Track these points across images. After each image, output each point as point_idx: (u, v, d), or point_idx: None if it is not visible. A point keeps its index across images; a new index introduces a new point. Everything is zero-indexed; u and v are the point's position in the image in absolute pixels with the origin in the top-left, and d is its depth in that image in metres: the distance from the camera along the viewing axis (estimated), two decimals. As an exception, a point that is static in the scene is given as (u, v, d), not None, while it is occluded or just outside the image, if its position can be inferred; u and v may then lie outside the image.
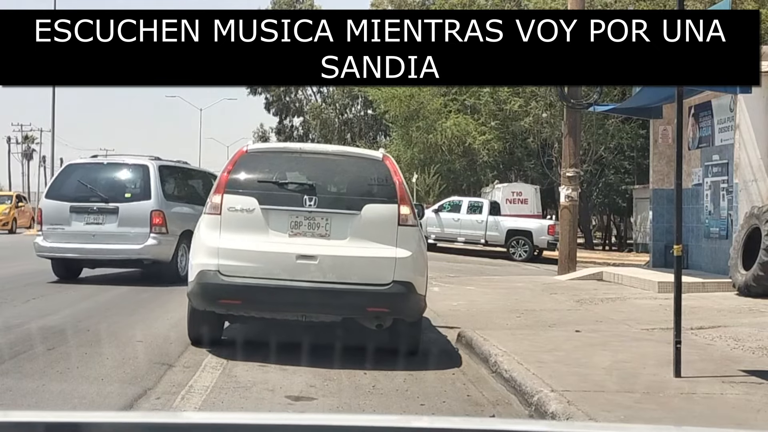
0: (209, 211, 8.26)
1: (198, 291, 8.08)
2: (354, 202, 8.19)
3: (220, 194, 8.19)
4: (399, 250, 8.01)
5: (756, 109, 14.89)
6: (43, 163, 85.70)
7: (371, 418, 2.68)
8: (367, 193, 8.31)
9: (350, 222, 8.12)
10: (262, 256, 7.98)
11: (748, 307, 12.27)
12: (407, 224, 8.14)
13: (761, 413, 6.10)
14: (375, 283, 7.93)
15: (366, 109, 58.70)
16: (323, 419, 2.52)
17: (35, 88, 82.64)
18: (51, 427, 2.24)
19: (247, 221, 8.07)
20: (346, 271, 7.96)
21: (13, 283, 14.01)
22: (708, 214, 16.91)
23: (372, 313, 8.17)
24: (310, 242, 8.05)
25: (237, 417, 2.53)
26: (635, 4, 29.12)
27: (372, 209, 8.14)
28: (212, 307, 8.19)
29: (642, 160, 31.34)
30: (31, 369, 7.29)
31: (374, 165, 8.46)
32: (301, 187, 8.22)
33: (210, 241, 8.08)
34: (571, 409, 6.01)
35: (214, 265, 7.95)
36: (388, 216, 8.11)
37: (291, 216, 8.13)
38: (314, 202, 8.10)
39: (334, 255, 7.98)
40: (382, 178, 8.32)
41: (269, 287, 7.89)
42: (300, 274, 7.92)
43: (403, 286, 7.95)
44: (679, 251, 7.55)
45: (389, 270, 7.94)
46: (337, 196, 8.35)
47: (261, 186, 8.25)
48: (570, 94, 19.22)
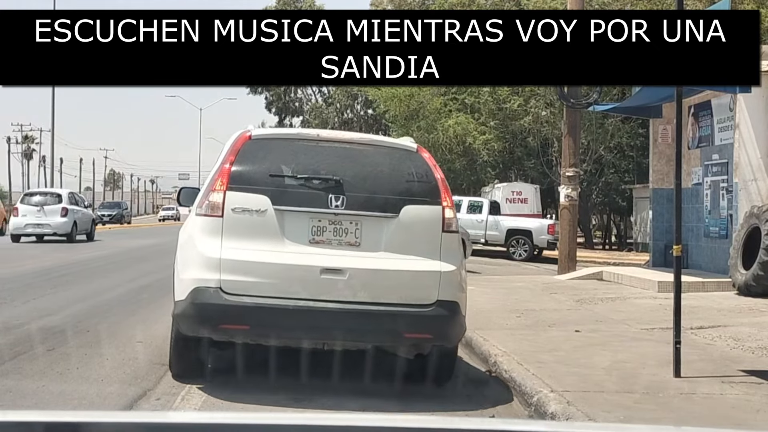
0: (206, 213, 6.76)
1: (192, 313, 6.57)
2: (391, 203, 6.82)
3: (222, 191, 6.68)
4: (444, 263, 6.76)
5: (756, 109, 14.89)
6: (43, 163, 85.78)
7: (371, 418, 2.68)
8: (406, 191, 6.92)
9: (386, 227, 6.78)
10: (276, 270, 6.56)
11: (747, 307, 12.27)
12: (451, 230, 6.89)
13: (761, 413, 6.10)
14: (416, 303, 6.64)
15: (366, 108, 58.69)
16: (323, 419, 2.51)
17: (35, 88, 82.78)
18: (51, 427, 2.24)
19: (257, 226, 6.65)
20: (381, 288, 6.64)
21: (14, 283, 14.02)
22: (708, 214, 16.91)
23: (411, 340, 6.86)
24: (336, 252, 6.68)
25: (237, 417, 2.53)
26: (634, 4, 29.09)
27: (412, 212, 6.81)
28: (209, 333, 6.74)
29: (642, 159, 31.32)
30: (31, 370, 7.29)
31: (409, 157, 7.11)
32: (325, 184, 6.76)
33: (208, 250, 6.61)
34: (571, 410, 6.01)
35: (215, 281, 6.51)
36: (430, 220, 6.82)
37: (312, 219, 6.73)
38: (341, 203, 6.70)
39: (366, 268, 6.64)
40: (421, 174, 6.99)
41: (285, 309, 6.47)
42: (324, 292, 6.54)
43: (448, 307, 6.69)
44: (679, 251, 7.55)
45: (433, 287, 6.68)
46: (369, 195, 6.83)
47: (274, 181, 6.78)
48: (570, 93, 19.21)
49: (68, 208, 28.95)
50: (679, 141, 7.79)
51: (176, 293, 6.80)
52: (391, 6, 47.04)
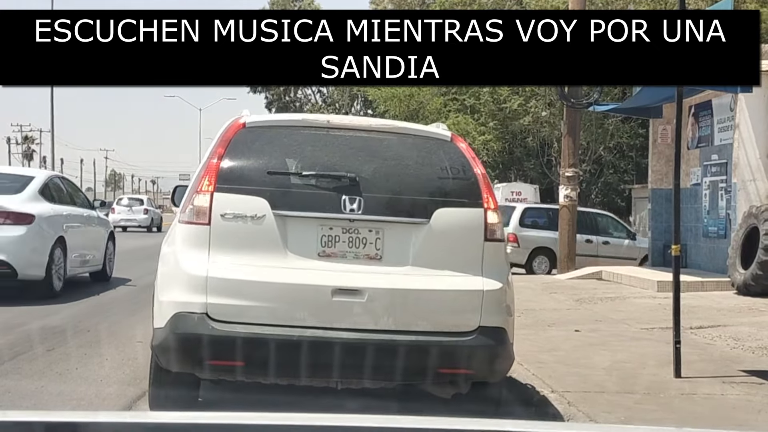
0: (190, 219, 5.55)
1: (173, 345, 5.35)
2: (419, 206, 5.61)
3: (209, 193, 5.48)
4: (487, 280, 5.55)
5: (756, 109, 14.90)
6: (43, 163, 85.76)
7: (371, 418, 2.68)
8: (438, 191, 5.71)
9: (414, 236, 5.56)
10: (276, 291, 5.37)
11: (747, 307, 12.28)
12: (495, 238, 5.66)
13: (762, 414, 6.10)
14: (452, 331, 5.46)
15: (366, 108, 58.70)
16: (323, 419, 2.51)
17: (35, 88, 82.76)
18: (50, 427, 2.24)
19: (253, 235, 5.46)
20: (408, 313, 5.42)
21: (14, 283, 14.00)
22: (706, 214, 16.92)
23: (447, 376, 5.68)
24: (351, 268, 5.49)
25: (237, 417, 2.53)
26: (635, 4, 29.12)
27: (447, 216, 5.60)
28: (194, 371, 5.55)
29: (641, 159, 31.36)
30: (31, 370, 7.29)
31: (442, 148, 5.84)
32: (338, 182, 5.56)
33: (192, 266, 5.40)
34: (572, 410, 6.02)
35: (200, 305, 5.28)
36: (469, 226, 5.61)
37: (322, 227, 5.52)
38: (358, 206, 5.50)
39: (390, 288, 5.43)
40: (457, 168, 5.76)
41: (289, 341, 5.27)
42: (337, 318, 5.34)
43: (492, 334, 5.49)
44: (678, 251, 7.56)
45: (473, 311, 5.47)
46: (393, 196, 5.65)
47: (274, 180, 5.59)
48: (570, 93, 19.22)
49: (148, 209, 42.17)
50: (679, 141, 7.79)
51: (155, 319, 5.58)
52: (391, 6, 47.07)
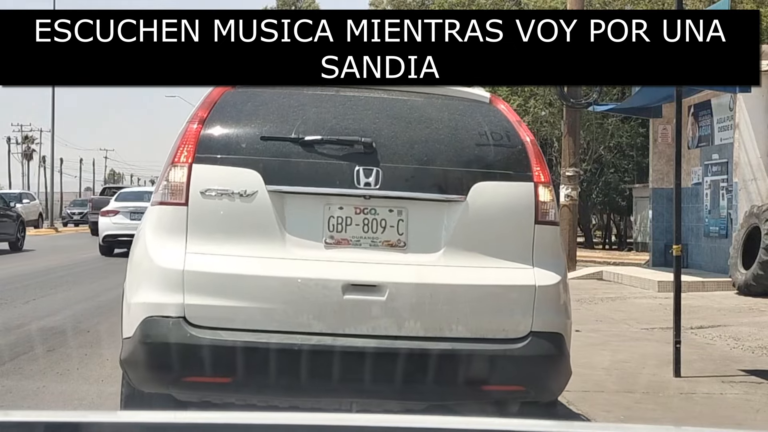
0: (163, 199, 4.43)
1: (142, 358, 4.27)
2: (453, 179, 4.50)
3: (187, 165, 4.38)
4: (540, 273, 4.48)
5: (756, 109, 14.90)
6: (43, 163, 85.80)
7: (371, 418, 2.68)
8: (476, 161, 4.58)
9: (446, 217, 4.47)
10: (272, 288, 4.26)
11: (747, 307, 12.28)
12: (548, 220, 4.57)
13: (761, 413, 6.11)
14: (497, 337, 4.36)
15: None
16: (323, 419, 2.52)
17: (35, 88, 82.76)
18: (51, 427, 2.24)
19: (242, 218, 4.35)
20: (441, 315, 4.30)
21: (14, 283, 14.02)
22: (707, 213, 16.92)
23: (491, 394, 4.57)
24: (368, 258, 4.39)
25: (237, 417, 2.53)
26: (634, 4, 29.12)
27: (487, 192, 4.49)
28: (171, 390, 4.41)
29: (642, 159, 31.34)
30: (32, 370, 7.29)
31: (479, 111, 4.75)
32: (350, 150, 4.44)
33: (165, 258, 4.32)
34: (571, 410, 6.02)
35: (175, 307, 4.20)
36: (516, 205, 4.53)
37: (330, 207, 4.42)
38: (375, 179, 4.39)
39: (417, 283, 4.33)
40: (499, 134, 4.67)
41: (289, 351, 4.19)
42: (350, 322, 4.23)
43: (548, 341, 4.42)
44: (679, 251, 7.56)
45: (524, 311, 4.40)
46: (419, 167, 4.50)
47: (268, 148, 4.44)
48: (570, 93, 19.24)
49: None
50: (679, 141, 7.79)
51: (123, 327, 4.48)
52: (391, 6, 47.08)
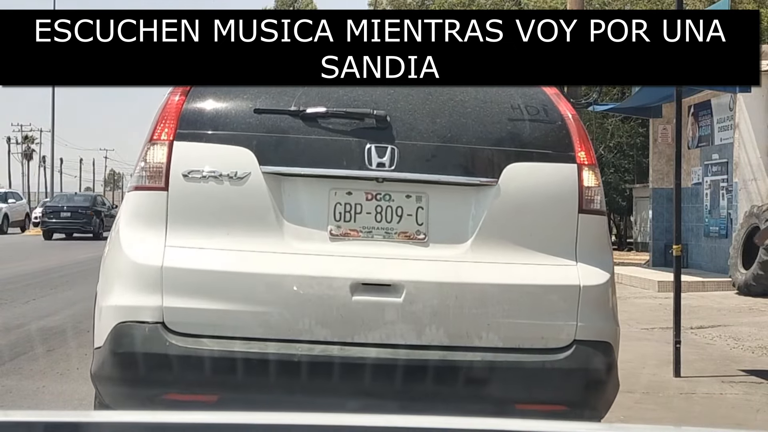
0: (139, 183, 3.85)
1: (113, 372, 3.77)
2: (481, 160, 3.90)
3: (167, 142, 3.82)
4: (585, 270, 3.85)
5: (755, 109, 14.91)
6: (43, 163, 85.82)
7: (371, 419, 2.68)
8: (509, 139, 3.97)
9: (474, 205, 3.86)
10: (268, 288, 3.65)
11: (747, 307, 12.29)
12: (594, 209, 3.93)
13: (761, 413, 6.11)
14: (535, 347, 3.75)
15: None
16: (323, 419, 2.51)
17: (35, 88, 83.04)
18: (51, 427, 2.24)
19: (232, 205, 3.77)
20: (468, 320, 3.69)
21: (14, 283, 14.02)
22: (708, 213, 16.92)
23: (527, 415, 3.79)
24: (381, 253, 3.78)
25: (237, 417, 2.53)
26: (634, 4, 29.12)
27: (522, 175, 3.89)
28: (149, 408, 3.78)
29: (642, 159, 31.34)
30: (32, 370, 7.29)
31: None
32: (359, 124, 3.87)
33: (141, 252, 3.73)
34: (571, 409, 6.01)
35: (152, 311, 3.64)
36: (557, 191, 3.91)
37: (336, 191, 3.83)
38: (390, 159, 3.80)
39: (440, 282, 3.71)
40: (536, 108, 4.05)
41: (288, 363, 3.60)
42: (360, 328, 3.63)
43: (594, 351, 3.78)
44: (679, 251, 7.56)
45: (566, 316, 3.77)
46: (441, 145, 3.90)
47: (262, 123, 3.88)
48: (569, 93, 19.22)
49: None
50: (679, 141, 7.80)
51: (95, 335, 4.02)
52: (390, 6, 47.09)
